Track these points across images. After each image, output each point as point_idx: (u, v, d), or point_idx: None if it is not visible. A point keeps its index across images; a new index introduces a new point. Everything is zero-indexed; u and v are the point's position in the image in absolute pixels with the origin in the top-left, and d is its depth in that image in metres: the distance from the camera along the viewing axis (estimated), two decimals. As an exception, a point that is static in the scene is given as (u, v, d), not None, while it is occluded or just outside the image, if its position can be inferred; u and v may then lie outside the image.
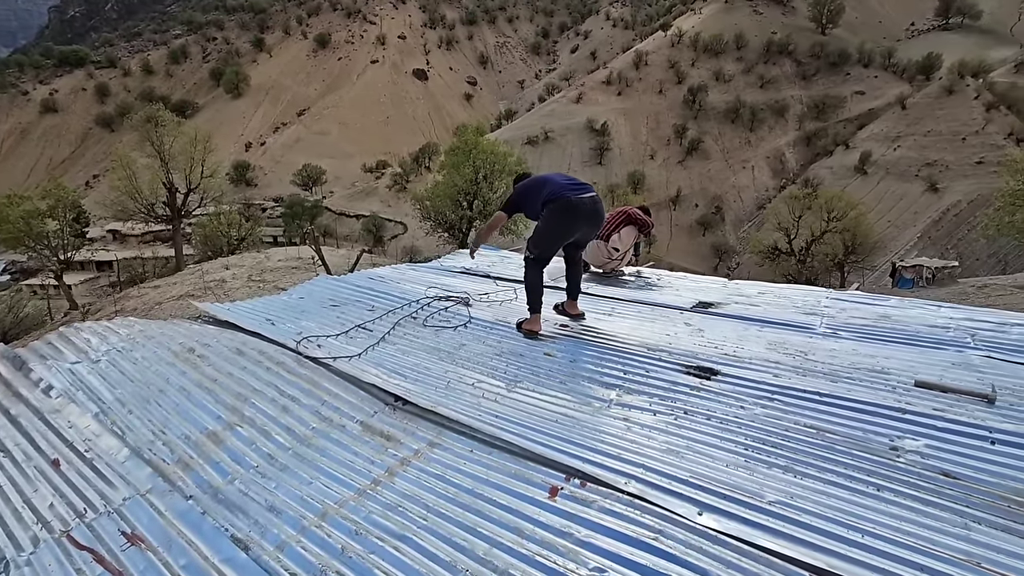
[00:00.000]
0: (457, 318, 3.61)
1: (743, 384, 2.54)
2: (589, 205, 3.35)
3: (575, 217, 3.36)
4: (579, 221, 3.38)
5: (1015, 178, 10.79)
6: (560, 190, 3.36)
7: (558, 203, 3.33)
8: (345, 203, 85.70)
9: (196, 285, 20.88)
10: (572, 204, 3.32)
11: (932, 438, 2.04)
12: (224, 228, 30.63)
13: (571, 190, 3.36)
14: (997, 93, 72.34)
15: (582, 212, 3.35)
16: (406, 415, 2.35)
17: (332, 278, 4.60)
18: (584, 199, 3.33)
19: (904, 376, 2.56)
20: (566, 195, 3.33)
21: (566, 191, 3.35)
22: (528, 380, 2.69)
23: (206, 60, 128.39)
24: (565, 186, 3.40)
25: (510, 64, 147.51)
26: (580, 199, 3.32)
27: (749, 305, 3.82)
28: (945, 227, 62.68)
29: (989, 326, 3.23)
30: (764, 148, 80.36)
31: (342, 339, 3.24)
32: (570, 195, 3.32)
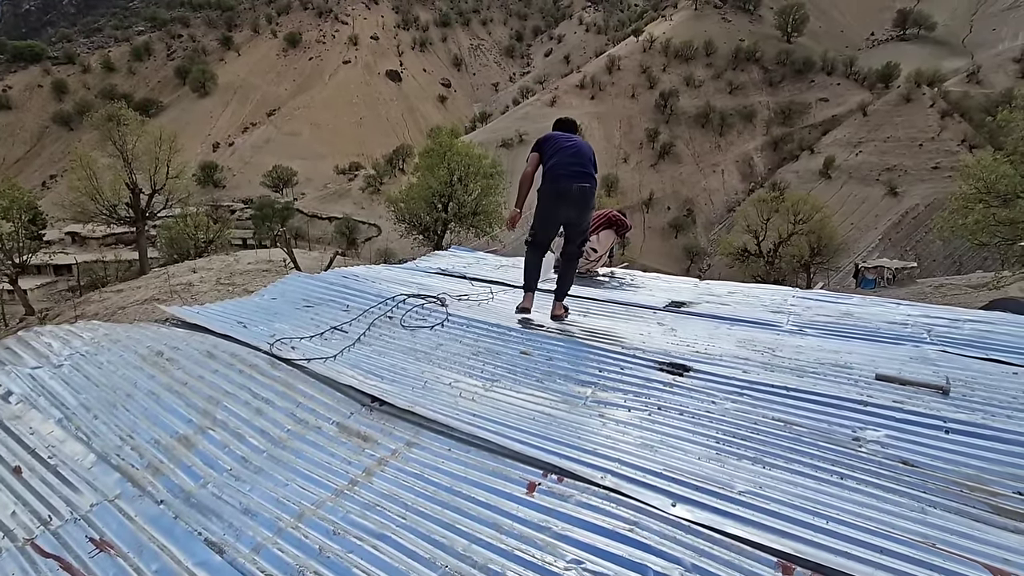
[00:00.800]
0: (434, 317, 3.61)
1: (714, 380, 2.60)
2: (576, 193, 3.54)
3: (561, 202, 3.57)
4: (565, 206, 3.59)
5: (967, 183, 11.33)
6: (555, 172, 3.54)
7: (549, 187, 3.57)
8: (317, 205, 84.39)
9: (161, 289, 20.28)
10: (559, 191, 3.54)
11: (892, 428, 2.13)
12: (191, 230, 29.84)
13: (564, 176, 3.53)
14: (951, 101, 75.68)
15: (569, 198, 3.55)
16: (383, 416, 2.35)
17: (305, 276, 4.54)
18: (572, 187, 3.52)
19: (866, 370, 2.67)
20: (558, 181, 3.53)
21: (560, 175, 3.53)
22: (505, 379, 2.71)
23: (171, 58, 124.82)
24: (561, 171, 3.55)
25: (484, 67, 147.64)
26: (568, 187, 3.52)
27: (720, 304, 3.92)
28: (904, 229, 65.24)
29: (944, 322, 3.39)
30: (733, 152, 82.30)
31: (317, 341, 3.21)
32: (560, 182, 3.52)
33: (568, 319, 3.59)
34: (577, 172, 3.57)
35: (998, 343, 3.08)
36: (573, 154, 3.61)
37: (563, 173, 3.53)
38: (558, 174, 3.53)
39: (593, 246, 4.75)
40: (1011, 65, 79.86)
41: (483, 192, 28.56)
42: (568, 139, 3.72)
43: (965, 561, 1.45)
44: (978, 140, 69.12)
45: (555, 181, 3.54)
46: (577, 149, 3.65)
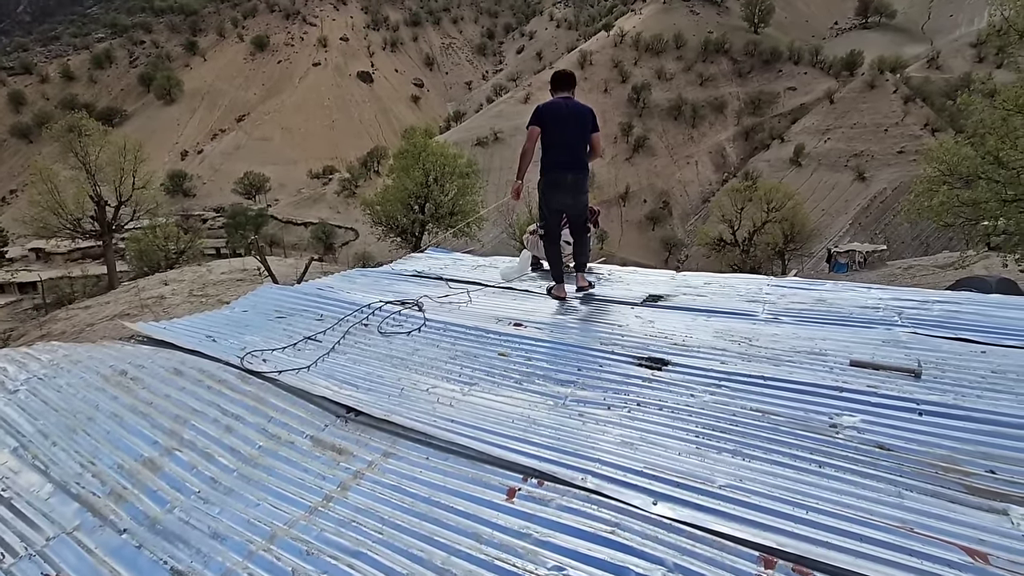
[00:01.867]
0: (410, 322, 3.55)
1: (692, 373, 2.60)
2: (570, 182, 4.02)
3: (558, 191, 4.03)
4: (560, 194, 4.05)
5: (931, 166, 11.62)
6: (551, 163, 3.94)
7: (546, 178, 4.01)
8: (292, 211, 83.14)
9: (132, 303, 19.74)
10: (556, 181, 4.00)
11: (867, 413, 2.15)
12: (161, 241, 29.13)
13: (559, 167, 3.96)
14: (913, 87, 77.78)
15: (564, 187, 4.03)
16: (359, 426, 2.29)
17: (278, 288, 4.43)
18: (567, 177, 4.00)
19: (840, 356, 2.70)
20: (553, 171, 3.97)
21: (555, 166, 3.95)
22: (483, 382, 2.67)
23: (133, 65, 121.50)
24: (556, 162, 3.94)
25: (456, 65, 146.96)
26: (563, 177, 3.99)
27: (696, 296, 3.93)
28: (873, 213, 66.93)
29: (913, 304, 3.45)
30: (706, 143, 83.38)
31: (289, 352, 3.12)
32: (555, 172, 3.97)
33: (545, 316, 3.57)
34: (569, 162, 3.95)
35: (966, 322, 3.14)
36: (568, 141, 3.91)
37: (558, 164, 3.93)
38: (554, 164, 3.92)
39: (564, 239, 4.72)
40: (968, 50, 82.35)
41: (459, 192, 28.43)
42: (568, 114, 3.91)
43: (943, 544, 1.46)
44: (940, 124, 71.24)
45: (551, 172, 3.96)
46: (574, 130, 3.92)
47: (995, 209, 10.28)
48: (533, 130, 3.88)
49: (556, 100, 3.98)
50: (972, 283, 10.59)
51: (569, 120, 3.90)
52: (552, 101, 4.00)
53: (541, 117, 3.90)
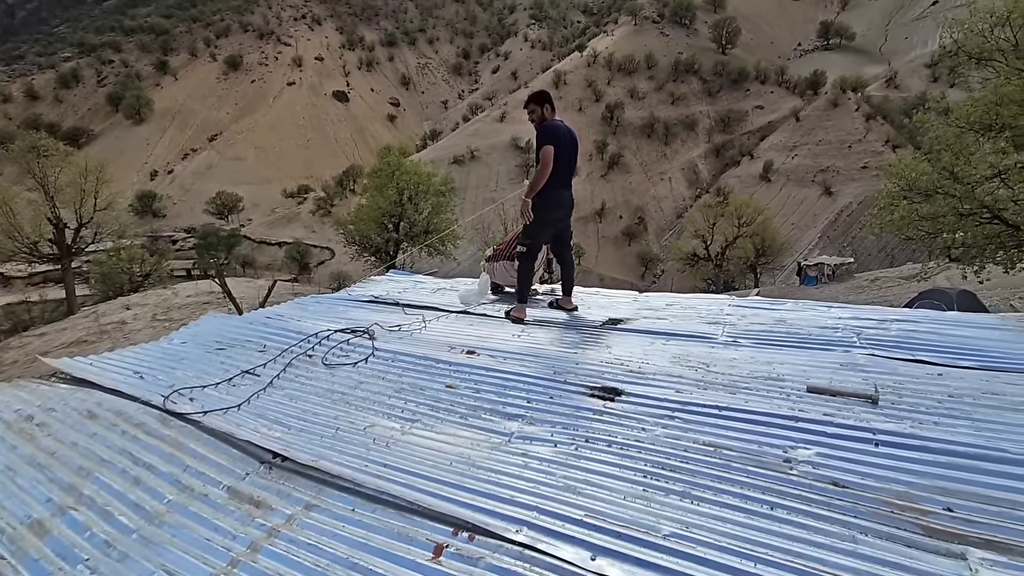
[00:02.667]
0: (358, 352, 3.37)
1: (646, 403, 2.48)
2: (568, 198, 4.17)
3: (558, 208, 4.12)
4: (559, 211, 4.15)
5: (892, 181, 11.93)
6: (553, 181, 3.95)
7: (547, 196, 3.99)
8: (265, 230, 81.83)
9: (90, 329, 19.02)
10: (558, 200, 4.07)
11: (823, 445, 2.05)
12: (125, 264, 28.28)
13: (559, 185, 4.03)
14: (874, 105, 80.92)
15: (563, 204, 4.15)
16: (283, 474, 2.10)
17: (223, 317, 4.20)
18: (565, 195, 4.12)
19: (797, 382, 2.61)
20: (555, 190, 4.00)
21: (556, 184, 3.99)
22: (426, 418, 2.51)
23: (101, 84, 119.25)
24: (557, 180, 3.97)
25: (432, 85, 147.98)
26: (562, 195, 4.09)
27: (656, 319, 3.84)
28: (840, 227, 68.88)
29: (872, 324, 3.41)
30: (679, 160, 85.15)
31: (223, 388, 2.91)
32: (557, 191, 4.03)
33: (499, 342, 3.42)
34: (567, 180, 4.08)
35: (923, 343, 3.10)
36: (567, 161, 4.01)
37: (559, 183, 3.99)
38: (556, 183, 3.97)
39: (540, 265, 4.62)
40: (924, 70, 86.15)
41: (434, 210, 28.33)
42: (566, 134, 4.04)
43: (897, 599, 1.34)
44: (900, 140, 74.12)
45: (553, 190, 3.99)
46: (571, 151, 4.04)
47: (953, 223, 10.55)
48: (549, 150, 3.91)
49: (557, 122, 4.11)
50: (934, 295, 10.82)
51: (568, 141, 4.06)
52: (555, 122, 4.09)
53: (554, 137, 3.96)
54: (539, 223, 4.10)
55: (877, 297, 25.47)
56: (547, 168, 3.92)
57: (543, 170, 3.93)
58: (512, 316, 4.05)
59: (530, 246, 4.12)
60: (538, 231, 4.14)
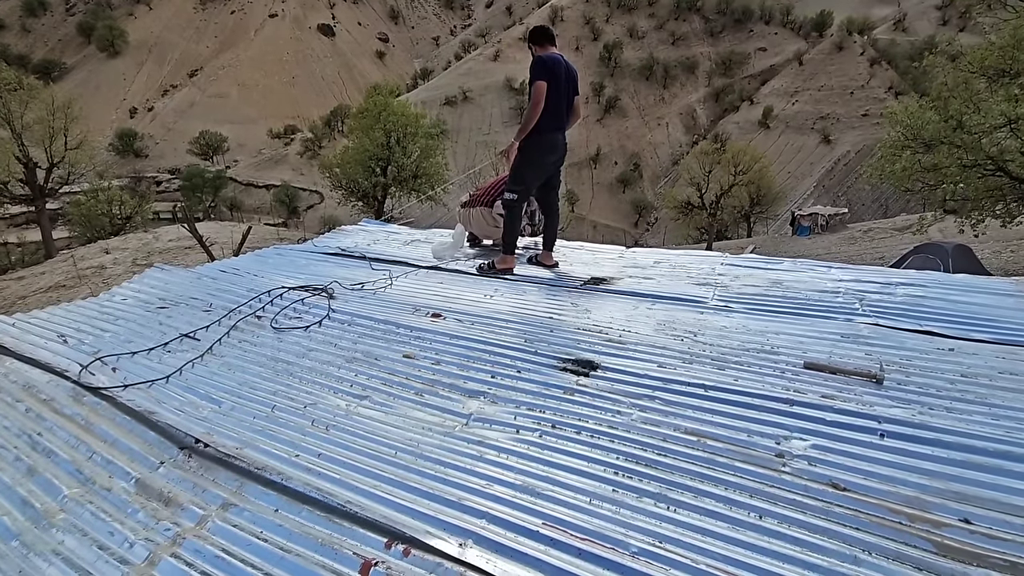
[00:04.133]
0: (312, 313, 3.05)
1: (624, 380, 2.21)
2: (562, 142, 3.79)
3: (552, 152, 3.74)
4: (553, 155, 3.76)
5: (895, 129, 11.41)
6: (546, 123, 3.58)
7: (540, 138, 3.64)
8: (252, 173, 79.63)
9: (69, 274, 18.53)
10: (552, 142, 3.69)
11: (821, 436, 1.79)
12: (104, 206, 27.37)
13: (553, 127, 3.65)
14: (879, 49, 78.17)
15: (557, 147, 3.76)
16: (204, 463, 1.82)
17: (171, 271, 3.84)
18: (560, 138, 3.74)
19: (793, 356, 2.34)
20: (548, 132, 3.64)
21: (550, 126, 3.62)
22: (377, 394, 2.22)
23: (70, 12, 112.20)
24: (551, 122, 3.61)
25: (423, 19, 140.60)
26: (556, 138, 3.71)
27: (643, 279, 3.53)
28: (837, 176, 68.07)
29: (875, 287, 3.12)
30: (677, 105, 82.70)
31: (155, 355, 2.60)
32: (551, 133, 3.66)
33: (468, 303, 3.11)
34: (561, 124, 3.71)
35: (931, 310, 2.82)
36: (562, 101, 3.64)
37: (552, 125, 3.63)
38: (549, 124, 3.61)
39: (500, 211, 4.23)
40: (934, 12, 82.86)
41: (423, 154, 27.36)
42: (565, 72, 3.64)
43: (908, 646, 1.10)
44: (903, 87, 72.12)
45: (546, 132, 3.63)
46: (565, 89, 3.64)
47: (955, 175, 10.17)
48: (542, 86, 3.51)
49: (555, 55, 3.62)
50: (929, 249, 10.59)
51: (565, 77, 3.62)
52: (552, 55, 3.61)
53: (548, 72, 3.52)
54: (530, 168, 3.74)
55: (869, 249, 25.36)
56: (539, 106, 3.50)
57: (534, 108, 3.51)
58: (498, 268, 3.76)
59: (520, 192, 3.76)
60: (529, 176, 3.78)
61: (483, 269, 3.83)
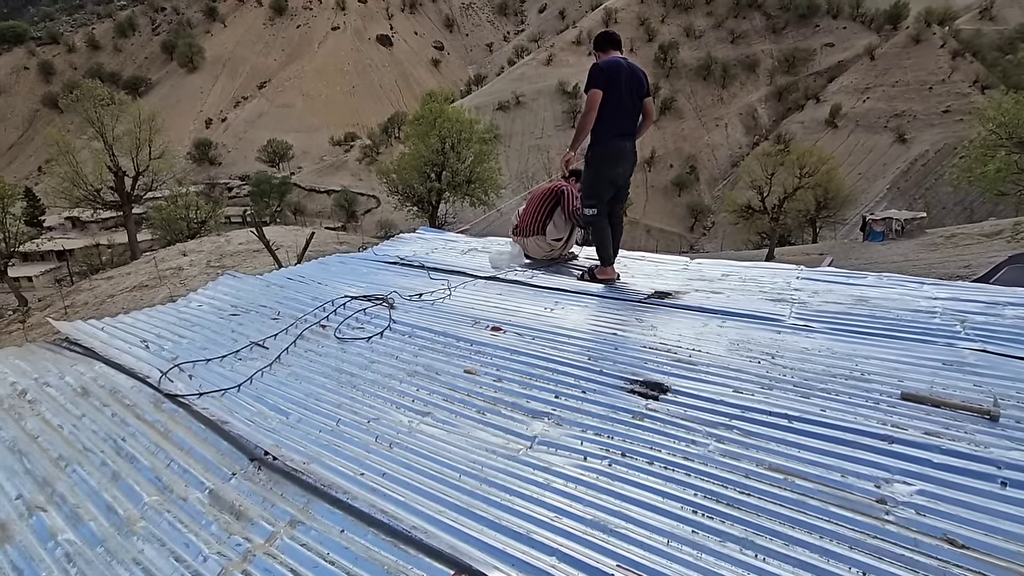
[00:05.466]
0: (374, 323, 3.08)
1: (697, 405, 2.07)
2: (630, 150, 3.64)
3: (620, 161, 3.61)
4: (621, 164, 3.63)
5: (986, 127, 10.47)
6: (610, 132, 3.50)
7: (606, 147, 3.55)
8: (315, 178, 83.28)
9: (150, 274, 19.90)
10: (617, 152, 3.56)
11: (928, 480, 1.61)
12: (182, 211, 29.27)
13: (620, 135, 3.54)
14: (962, 40, 72.55)
15: (624, 156, 3.61)
16: (273, 476, 1.84)
17: (241, 278, 4.00)
18: (627, 146, 3.60)
19: (888, 384, 2.13)
20: (614, 141, 3.54)
21: (615, 135, 3.52)
22: (439, 410, 2.20)
23: (156, 32, 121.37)
24: (616, 130, 3.51)
25: (477, 27, 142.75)
26: (623, 145, 3.57)
27: (711, 293, 3.35)
28: (913, 177, 63.60)
29: (978, 307, 2.82)
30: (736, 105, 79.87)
31: (228, 363, 2.69)
32: (617, 141, 3.54)
33: (529, 318, 3.05)
34: (629, 130, 3.59)
35: (1049, 335, 2.51)
36: (627, 106, 3.51)
37: (618, 131, 3.52)
38: (614, 131, 3.51)
39: (553, 236, 4.13)
40: (1028, -2, 76.09)
41: (477, 159, 27.66)
42: (628, 76, 3.49)
43: None
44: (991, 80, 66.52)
45: (611, 140, 3.53)
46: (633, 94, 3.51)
47: (1059, 177, 9.21)
48: (596, 94, 3.39)
49: (615, 59, 3.53)
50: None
51: (631, 83, 3.49)
52: (611, 60, 3.52)
53: (604, 79, 3.42)
54: (599, 178, 3.61)
55: (953, 256, 23.47)
56: (591, 114, 3.41)
57: (586, 117, 3.42)
58: (598, 277, 3.72)
59: (598, 205, 3.64)
60: (600, 188, 3.65)
61: (584, 276, 3.81)
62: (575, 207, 4.03)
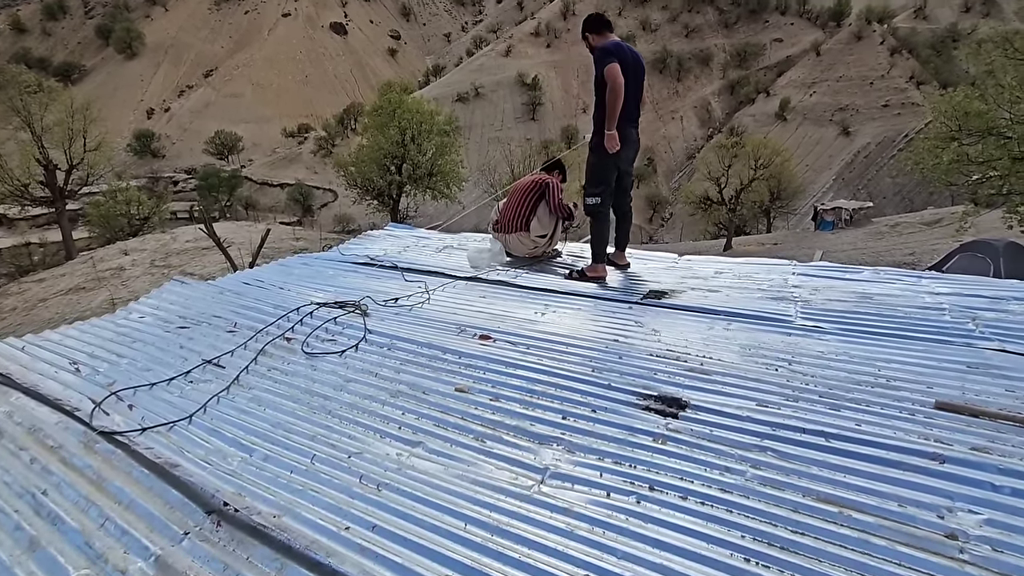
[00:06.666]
0: (347, 334, 2.75)
1: (722, 423, 1.87)
2: (635, 137, 3.56)
3: (627, 147, 3.46)
4: (629, 151, 3.50)
5: (939, 120, 10.84)
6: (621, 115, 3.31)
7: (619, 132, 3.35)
8: (267, 171, 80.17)
9: (88, 276, 18.58)
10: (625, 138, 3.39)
11: (992, 507, 1.44)
12: (122, 206, 27.54)
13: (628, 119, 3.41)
14: (900, 38, 76.25)
15: (631, 143, 3.50)
16: (236, 534, 1.52)
17: (191, 285, 3.57)
18: (634, 132, 3.51)
19: (918, 392, 1.98)
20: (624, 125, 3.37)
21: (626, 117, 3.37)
22: (431, 438, 1.91)
23: (89, 16, 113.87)
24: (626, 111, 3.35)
25: (434, 16, 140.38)
26: (630, 132, 3.46)
27: (708, 291, 3.17)
28: (857, 168, 66.61)
29: (984, 303, 2.73)
30: (691, 98, 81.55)
31: (177, 387, 2.32)
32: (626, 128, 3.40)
33: (519, 324, 2.79)
34: (635, 113, 3.48)
35: (1060, 331, 2.44)
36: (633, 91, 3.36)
37: (625, 118, 3.38)
38: (624, 118, 3.36)
39: (538, 232, 3.87)
40: None
41: (438, 151, 27.08)
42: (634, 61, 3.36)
43: None
44: (925, 76, 70.26)
45: (623, 124, 3.36)
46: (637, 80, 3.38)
47: (1006, 167, 9.62)
48: (615, 67, 3.19)
49: (618, 42, 3.33)
50: (977, 247, 10.05)
51: (633, 65, 3.35)
52: (615, 43, 3.32)
53: (616, 57, 3.22)
54: (604, 168, 3.44)
55: (899, 244, 24.62)
56: (618, 88, 3.17)
57: (615, 91, 3.17)
58: (588, 276, 3.50)
59: (602, 194, 3.48)
60: (606, 173, 3.48)
61: (572, 276, 3.56)
62: (559, 200, 3.78)
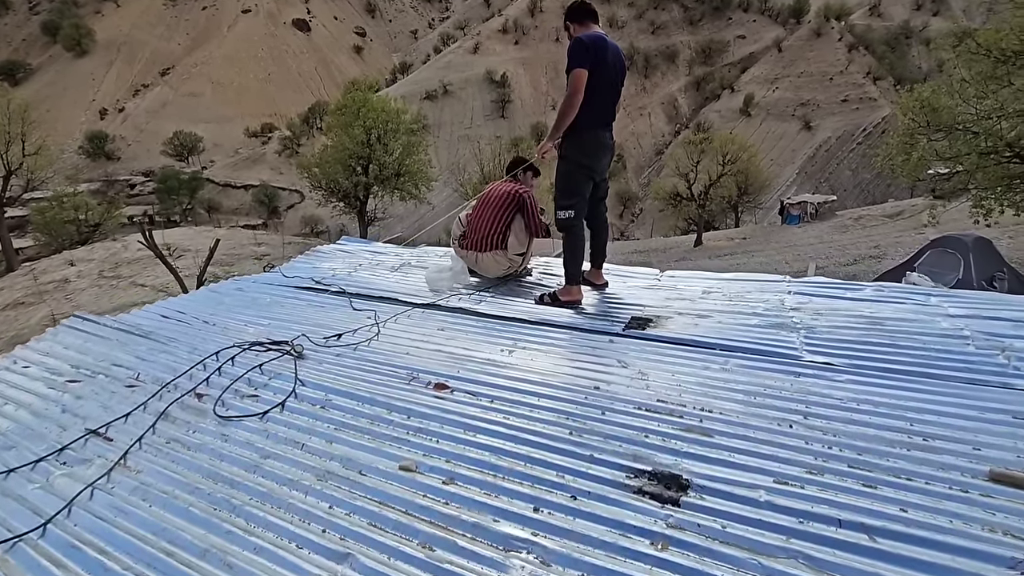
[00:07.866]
0: (273, 386, 2.27)
1: (734, 512, 1.47)
2: (610, 140, 3.17)
3: (601, 155, 3.12)
4: (603, 157, 3.15)
5: (908, 117, 10.84)
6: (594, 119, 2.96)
7: (588, 139, 3.02)
8: (229, 173, 77.65)
9: (29, 289, 17.38)
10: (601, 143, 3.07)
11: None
12: (69, 212, 26.03)
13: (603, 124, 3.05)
14: (856, 35, 78.58)
15: (606, 149, 3.15)
16: None
17: (94, 322, 3.02)
18: (609, 137, 3.13)
19: (964, 456, 1.62)
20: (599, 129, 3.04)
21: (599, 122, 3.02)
22: (364, 547, 1.46)
23: (34, 11, 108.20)
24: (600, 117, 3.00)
25: (400, 12, 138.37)
26: (606, 137, 3.09)
27: (697, 317, 2.79)
28: (818, 162, 68.34)
29: (1009, 328, 2.42)
30: (658, 94, 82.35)
31: (42, 473, 1.81)
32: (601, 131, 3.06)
33: (484, 363, 2.36)
34: (610, 116, 3.08)
35: (1098, 362, 2.13)
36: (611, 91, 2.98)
37: (597, 120, 3.00)
38: (597, 120, 3.00)
39: (516, 251, 3.45)
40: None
41: (405, 151, 26.40)
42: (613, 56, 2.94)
43: None
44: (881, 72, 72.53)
45: (593, 129, 3.01)
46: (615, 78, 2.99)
47: (973, 162, 9.63)
48: (581, 74, 2.81)
49: (598, 34, 2.95)
50: (947, 243, 10.06)
51: (612, 63, 2.94)
52: (595, 35, 2.87)
53: (590, 57, 2.83)
54: (577, 176, 3.06)
55: (863, 237, 25.08)
56: (576, 96, 2.78)
57: (570, 100, 2.78)
58: (562, 300, 3.10)
59: (575, 206, 3.05)
60: (578, 183, 3.07)
61: (544, 300, 3.15)
62: (539, 220, 3.37)
